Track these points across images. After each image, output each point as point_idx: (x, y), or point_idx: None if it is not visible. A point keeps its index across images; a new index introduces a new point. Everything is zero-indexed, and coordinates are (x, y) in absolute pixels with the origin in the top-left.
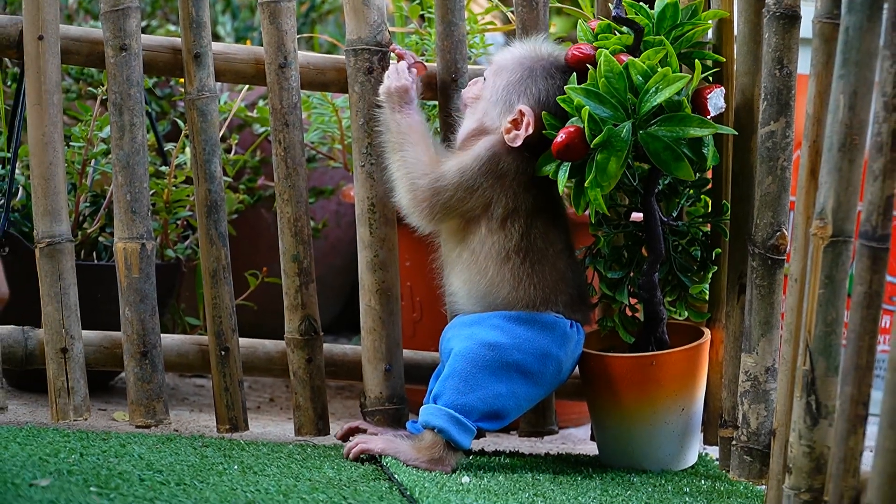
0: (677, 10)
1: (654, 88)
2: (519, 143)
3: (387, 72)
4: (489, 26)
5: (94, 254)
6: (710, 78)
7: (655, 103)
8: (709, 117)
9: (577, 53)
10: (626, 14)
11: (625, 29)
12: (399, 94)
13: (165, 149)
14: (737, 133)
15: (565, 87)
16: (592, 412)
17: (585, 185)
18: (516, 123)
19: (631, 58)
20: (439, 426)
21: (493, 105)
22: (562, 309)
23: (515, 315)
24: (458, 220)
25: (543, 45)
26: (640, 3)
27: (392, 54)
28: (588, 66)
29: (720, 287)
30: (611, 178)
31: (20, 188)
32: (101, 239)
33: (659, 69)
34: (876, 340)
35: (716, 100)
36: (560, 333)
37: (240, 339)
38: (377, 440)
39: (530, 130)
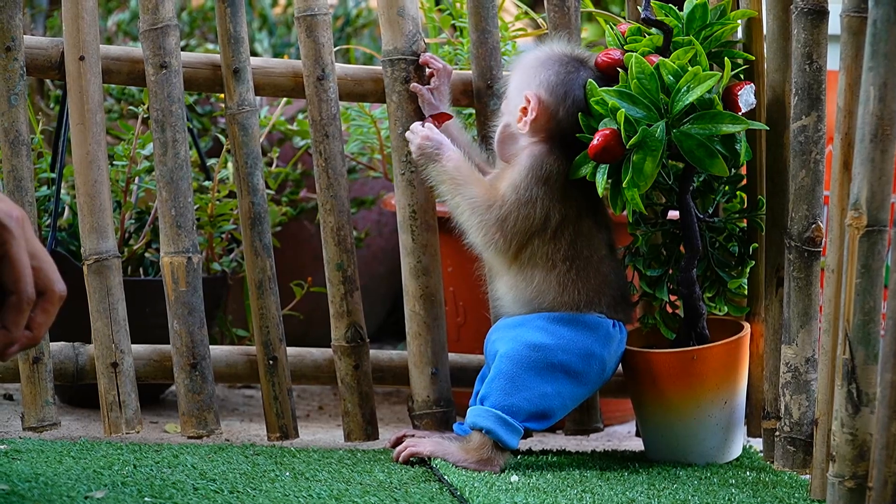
0: (706, 10)
1: (685, 87)
2: (526, 128)
3: (408, 137)
4: (520, 32)
5: (141, 269)
6: (742, 75)
7: (687, 102)
8: (740, 113)
9: (606, 59)
10: (655, 16)
11: (654, 31)
12: (427, 144)
13: (208, 164)
14: (768, 128)
15: (601, 88)
16: (637, 408)
17: (623, 185)
18: (524, 111)
19: (661, 58)
20: (487, 427)
21: (511, 105)
22: (605, 310)
23: (559, 316)
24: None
25: (558, 43)
26: (669, 5)
27: (426, 67)
28: (619, 69)
29: (758, 281)
30: (647, 178)
31: (66, 207)
32: (146, 255)
33: (689, 68)
34: None
35: (746, 96)
36: (603, 333)
37: (287, 348)
38: (426, 443)
39: (533, 114)
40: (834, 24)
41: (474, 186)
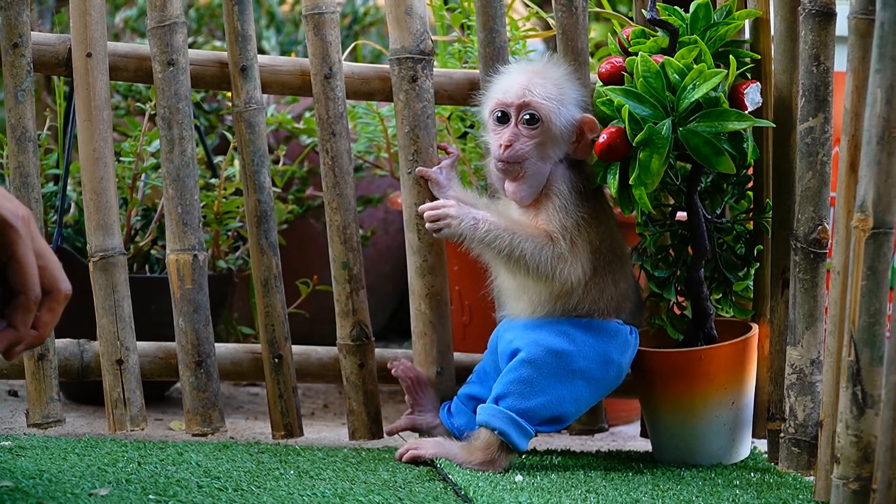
0: (709, 10)
1: (691, 85)
2: (589, 152)
3: (441, 224)
4: (530, 32)
5: (147, 267)
6: (749, 74)
7: (693, 99)
8: (746, 112)
9: (609, 67)
10: (660, 16)
11: (659, 32)
12: (463, 220)
13: (214, 161)
14: (774, 125)
15: (607, 87)
16: (645, 408)
17: (630, 181)
18: (586, 132)
19: (667, 57)
20: (500, 428)
21: (560, 137)
22: (626, 316)
23: (582, 322)
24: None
25: (543, 61)
26: (675, 7)
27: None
28: (623, 73)
29: (764, 283)
30: (654, 176)
31: (72, 204)
32: (152, 252)
33: (694, 66)
34: None
35: (753, 94)
36: (622, 340)
37: (292, 346)
38: (428, 445)
39: (596, 129)
40: (841, 26)
41: (522, 231)
